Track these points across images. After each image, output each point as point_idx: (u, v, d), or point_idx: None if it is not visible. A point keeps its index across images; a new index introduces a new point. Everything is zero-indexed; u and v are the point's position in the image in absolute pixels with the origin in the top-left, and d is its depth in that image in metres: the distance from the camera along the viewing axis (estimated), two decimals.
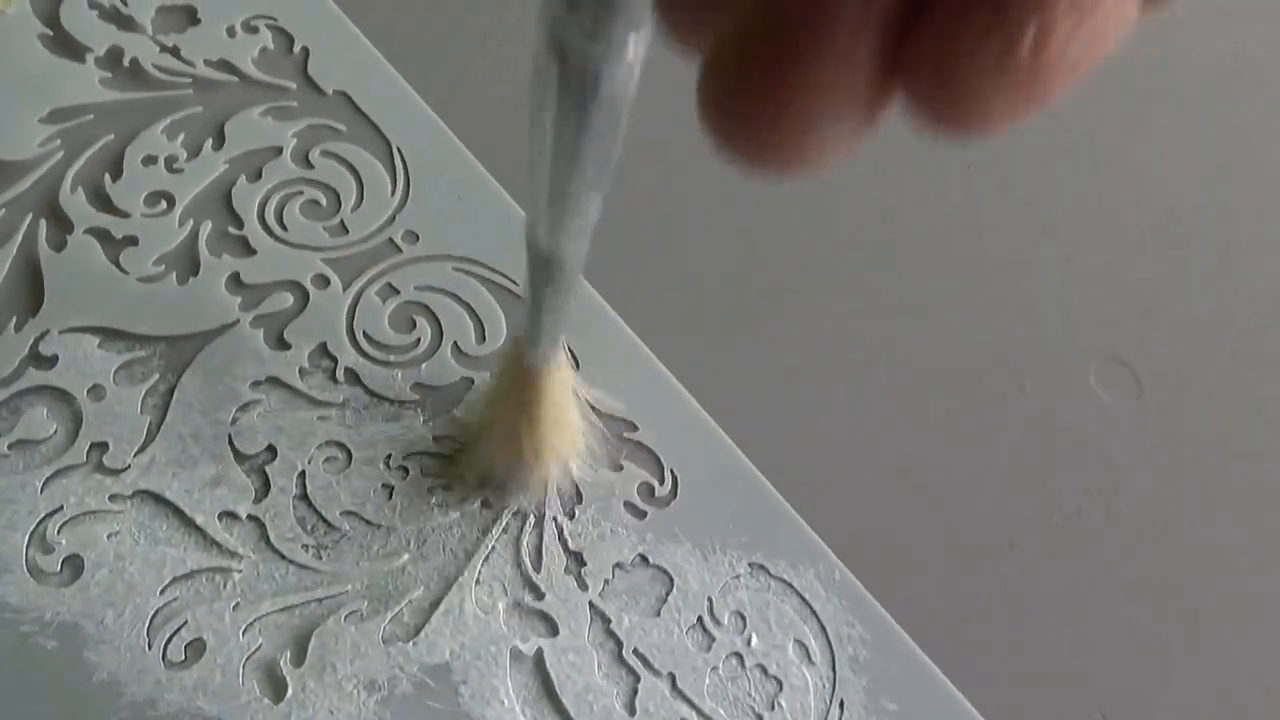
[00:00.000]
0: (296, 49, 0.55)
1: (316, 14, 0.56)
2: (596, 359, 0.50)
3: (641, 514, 0.48)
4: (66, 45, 0.54)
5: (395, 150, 0.53)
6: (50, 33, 0.54)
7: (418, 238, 0.51)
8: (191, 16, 0.55)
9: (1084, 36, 0.20)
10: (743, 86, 0.21)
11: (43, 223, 0.50)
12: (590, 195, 0.33)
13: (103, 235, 0.50)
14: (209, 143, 0.52)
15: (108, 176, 0.51)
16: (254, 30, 0.56)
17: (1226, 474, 0.52)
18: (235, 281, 0.50)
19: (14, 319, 0.48)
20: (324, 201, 0.52)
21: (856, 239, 0.55)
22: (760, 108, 0.21)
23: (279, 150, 0.52)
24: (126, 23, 0.55)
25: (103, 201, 0.51)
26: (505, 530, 0.47)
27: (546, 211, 0.34)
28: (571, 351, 0.50)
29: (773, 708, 0.46)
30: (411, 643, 0.45)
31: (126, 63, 0.54)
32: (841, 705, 0.46)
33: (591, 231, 0.35)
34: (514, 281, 0.51)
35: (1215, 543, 0.51)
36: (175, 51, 0.54)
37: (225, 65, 0.54)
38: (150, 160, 0.52)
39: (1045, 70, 0.20)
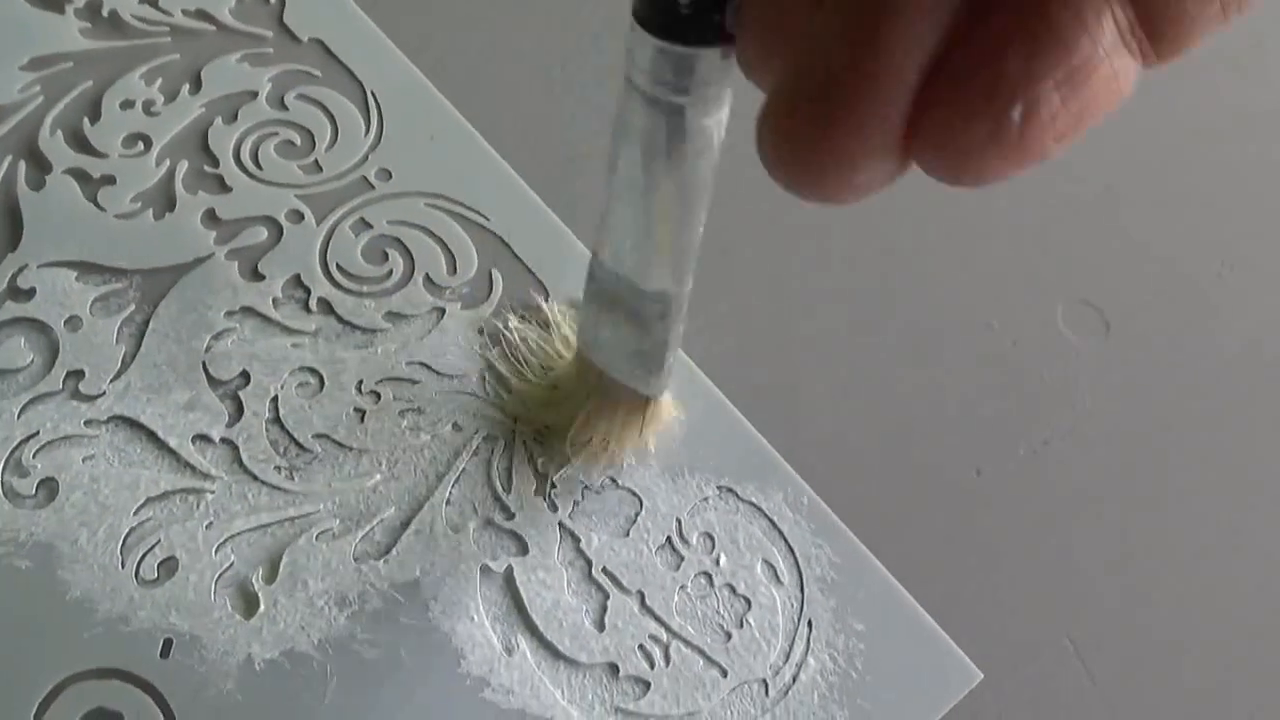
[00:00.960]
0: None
1: None
2: (566, 289, 0.51)
3: None
4: None
5: (369, 94, 0.54)
6: None
7: (390, 175, 0.52)
8: None
9: (1072, 109, 0.23)
10: (797, 133, 0.24)
11: (21, 164, 0.51)
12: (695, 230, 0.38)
13: (81, 175, 0.51)
14: (186, 87, 0.53)
15: (86, 120, 0.52)
16: None
17: (1192, 410, 0.53)
18: (210, 217, 0.51)
19: None
20: (298, 142, 0.53)
21: None
22: (809, 152, 0.24)
23: (254, 94, 0.54)
24: None
25: (81, 143, 0.52)
26: (475, 453, 0.48)
27: (664, 259, 0.39)
28: (539, 279, 0.51)
29: (741, 625, 0.46)
30: (382, 560, 0.46)
31: (105, 13, 0.55)
32: (810, 624, 0.47)
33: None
34: (485, 216, 0.52)
35: (1179, 475, 0.52)
36: (153, 2, 0.55)
37: (202, 15, 0.55)
38: (128, 104, 0.53)
39: (1034, 140, 0.23)
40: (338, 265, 0.50)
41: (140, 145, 0.52)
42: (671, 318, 0.42)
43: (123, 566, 0.45)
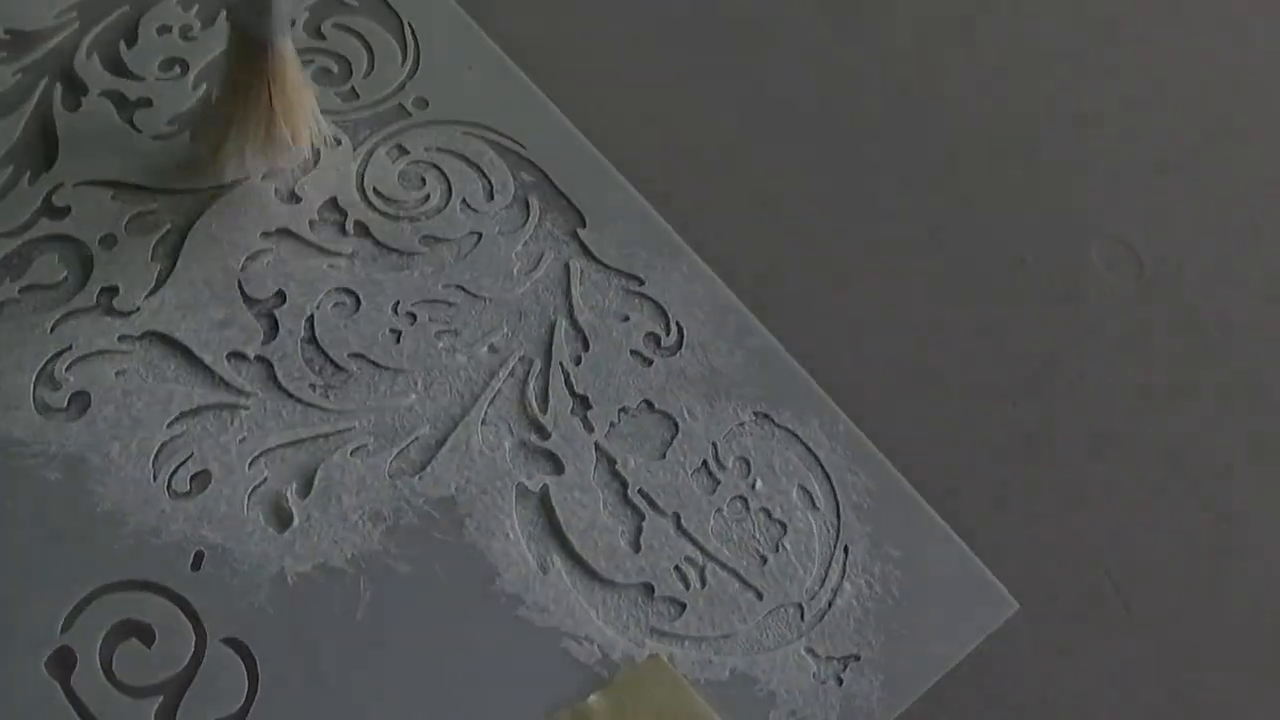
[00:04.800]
0: None
1: None
2: (606, 219, 0.48)
3: (648, 362, 0.46)
4: None
5: (406, 24, 0.52)
6: None
7: (427, 104, 0.50)
8: None
9: None
10: None
11: (58, 86, 0.49)
12: None
13: (117, 98, 0.49)
14: (223, 13, 0.51)
15: (123, 44, 0.50)
16: None
17: (1226, 345, 0.51)
18: None
19: (28, 173, 0.47)
20: (335, 69, 0.50)
21: (870, 111, 0.54)
22: None
23: (292, 22, 0.51)
24: None
25: (117, 67, 0.49)
26: (512, 374, 0.45)
27: None
28: (575, 205, 0.48)
29: (777, 549, 0.44)
30: (418, 477, 0.43)
31: None
32: (846, 550, 0.44)
33: None
34: (521, 144, 0.49)
35: (1215, 409, 0.49)
36: None
37: None
38: (165, 29, 0.50)
39: None
40: (375, 189, 0.48)
41: (177, 69, 0.50)
42: None
43: (154, 479, 0.42)
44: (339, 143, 0.48)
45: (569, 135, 0.50)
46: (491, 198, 0.48)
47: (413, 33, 0.51)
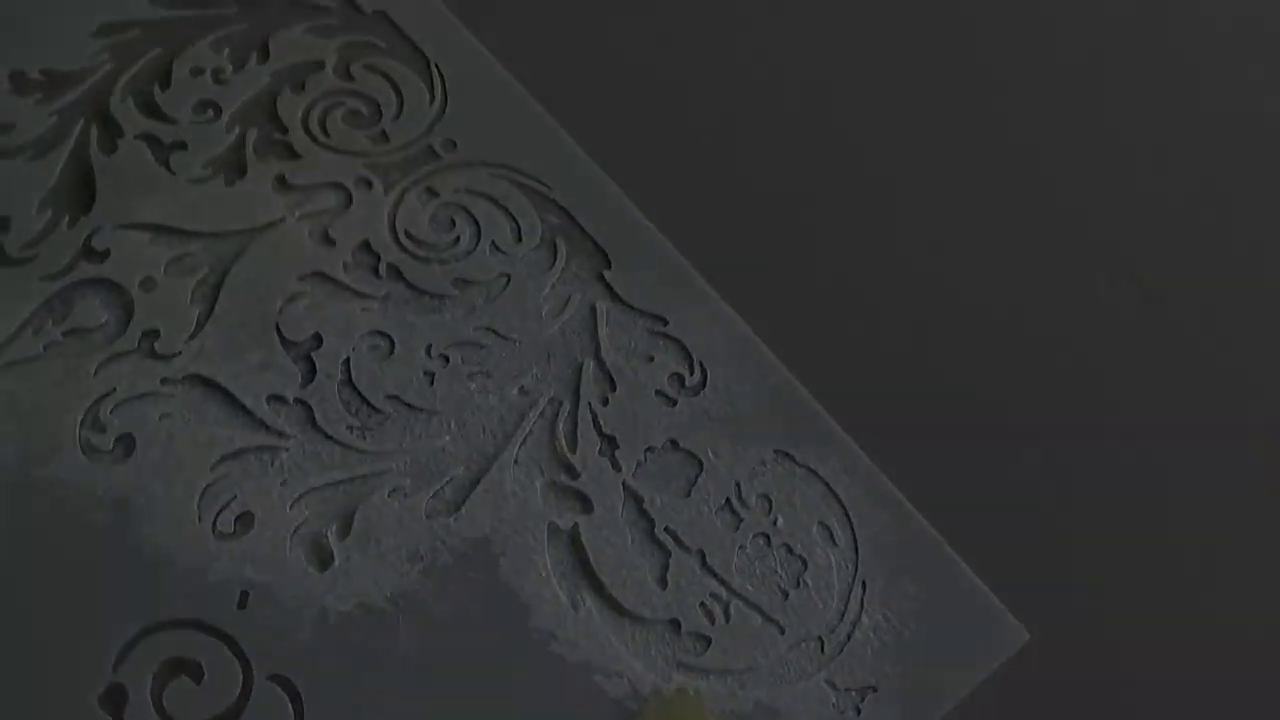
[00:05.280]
0: None
1: None
2: (628, 259, 0.50)
3: (672, 402, 0.47)
4: None
5: (433, 65, 0.53)
6: None
7: (456, 145, 0.51)
8: None
9: None
10: None
11: (93, 129, 0.50)
12: None
13: (152, 140, 0.50)
14: (254, 57, 0.52)
15: (156, 86, 0.51)
16: None
17: (1234, 378, 0.52)
18: (281, 183, 0.49)
19: (66, 217, 0.48)
20: (365, 111, 0.51)
21: (876, 154, 0.55)
22: None
23: (321, 64, 0.52)
24: None
25: (151, 109, 0.50)
26: (542, 414, 0.47)
27: None
28: (602, 249, 0.50)
29: (798, 585, 0.45)
30: (453, 517, 0.45)
31: None
32: (864, 585, 0.46)
33: None
34: (547, 186, 0.50)
35: (1222, 442, 0.51)
36: None
37: None
38: (197, 72, 0.51)
39: None
40: (406, 232, 0.49)
41: (210, 112, 0.50)
42: None
43: (200, 520, 0.43)
44: (369, 185, 0.49)
45: (594, 176, 0.51)
46: (519, 239, 0.49)
47: (439, 73, 0.52)
